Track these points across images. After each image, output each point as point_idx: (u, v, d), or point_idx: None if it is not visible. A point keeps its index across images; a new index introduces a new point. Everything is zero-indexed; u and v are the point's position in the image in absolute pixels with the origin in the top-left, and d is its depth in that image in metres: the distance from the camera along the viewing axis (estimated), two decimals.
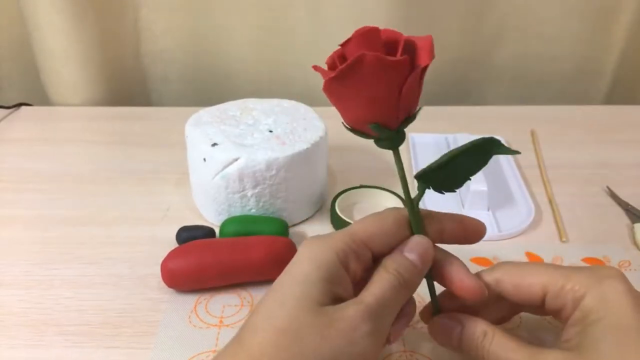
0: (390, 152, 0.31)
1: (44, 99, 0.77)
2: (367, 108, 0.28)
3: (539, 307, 0.31)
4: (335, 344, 0.26)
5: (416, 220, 0.31)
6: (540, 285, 0.30)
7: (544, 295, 0.30)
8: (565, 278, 0.29)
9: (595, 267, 0.30)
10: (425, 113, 0.75)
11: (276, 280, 0.29)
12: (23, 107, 0.75)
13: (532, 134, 0.66)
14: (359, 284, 0.30)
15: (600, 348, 0.26)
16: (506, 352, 0.29)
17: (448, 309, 0.33)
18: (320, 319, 0.26)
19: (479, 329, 0.30)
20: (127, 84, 0.80)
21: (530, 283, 0.31)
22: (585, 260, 0.45)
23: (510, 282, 0.31)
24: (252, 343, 0.26)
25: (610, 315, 0.27)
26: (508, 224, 0.49)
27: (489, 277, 0.32)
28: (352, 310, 0.27)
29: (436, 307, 0.34)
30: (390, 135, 0.29)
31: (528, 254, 0.45)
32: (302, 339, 0.26)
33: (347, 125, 0.30)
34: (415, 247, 0.30)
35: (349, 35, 0.27)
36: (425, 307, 0.35)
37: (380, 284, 0.29)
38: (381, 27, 0.28)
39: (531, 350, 0.28)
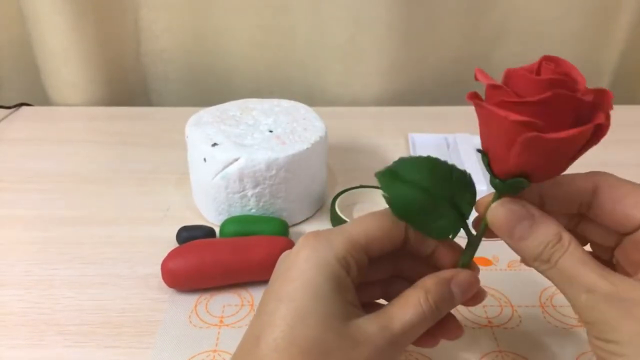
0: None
1: (44, 99, 0.77)
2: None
3: (620, 235, 0.27)
4: None
5: (471, 250, 0.29)
6: None
7: (634, 230, 0.26)
8: None
9: None
10: (426, 113, 0.75)
11: (277, 284, 0.27)
12: (23, 107, 0.75)
13: None
14: (358, 287, 0.29)
15: None
16: (578, 268, 0.24)
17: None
18: (344, 339, 0.25)
19: (553, 231, 0.25)
20: (127, 84, 0.80)
21: (633, 205, 0.26)
22: None
23: (609, 197, 0.27)
24: None
25: None
26: None
27: (586, 182, 0.27)
28: (378, 334, 0.26)
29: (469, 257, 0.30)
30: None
31: None
32: (328, 359, 0.25)
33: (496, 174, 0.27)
34: (464, 281, 0.28)
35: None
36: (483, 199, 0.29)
37: (414, 312, 0.27)
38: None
39: (610, 273, 0.24)
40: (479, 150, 0.27)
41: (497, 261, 0.45)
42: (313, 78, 0.79)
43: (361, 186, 0.53)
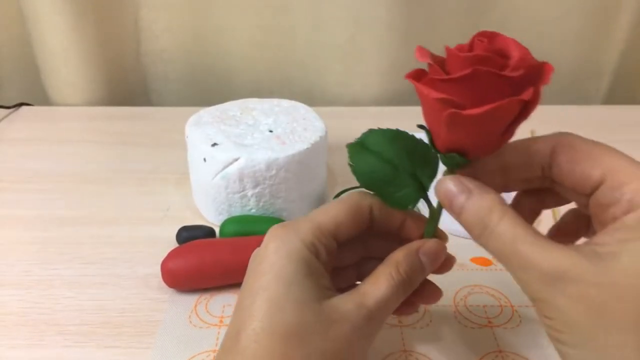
0: None
1: (44, 99, 0.77)
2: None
3: (583, 195, 0.26)
4: (338, 345, 0.26)
5: (434, 221, 0.30)
6: (601, 170, 0.25)
7: (599, 185, 0.25)
8: (633, 174, 0.24)
9: None
10: None
11: (252, 279, 0.28)
12: (23, 107, 0.75)
13: (532, 134, 0.66)
14: (330, 272, 0.29)
15: None
16: (513, 240, 0.24)
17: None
18: (321, 319, 0.26)
19: (486, 203, 0.25)
20: (127, 84, 0.80)
21: (591, 165, 0.25)
22: None
23: (568, 155, 0.26)
24: (256, 352, 0.25)
25: None
26: None
27: (545, 144, 0.27)
28: (354, 311, 0.27)
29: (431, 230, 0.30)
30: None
31: None
32: (307, 341, 0.26)
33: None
34: (431, 250, 0.29)
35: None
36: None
37: (386, 285, 0.28)
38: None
39: (545, 245, 0.23)
40: (420, 126, 0.28)
41: (497, 261, 0.45)
42: (313, 78, 0.79)
43: (361, 186, 0.53)
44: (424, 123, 0.28)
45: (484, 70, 0.23)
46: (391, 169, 0.29)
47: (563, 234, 0.31)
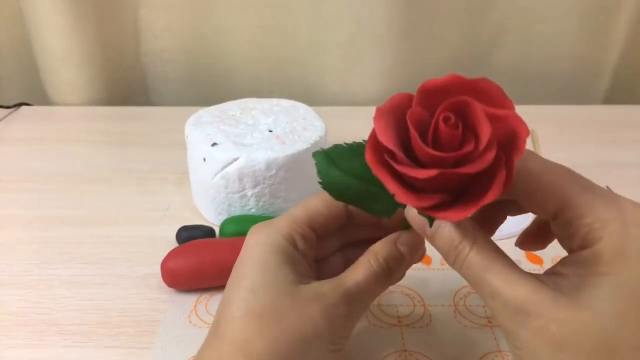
0: None
1: (44, 99, 0.77)
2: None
3: (546, 217, 0.26)
4: (316, 321, 0.27)
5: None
6: (556, 203, 0.25)
7: (556, 214, 0.25)
8: (589, 208, 0.24)
9: (628, 205, 0.24)
10: None
11: (234, 274, 0.29)
12: (23, 107, 0.75)
13: (532, 133, 0.66)
14: (312, 263, 0.30)
15: (601, 309, 0.22)
16: (483, 269, 0.24)
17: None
18: (297, 299, 0.27)
19: (458, 231, 0.25)
20: (127, 84, 0.80)
21: (546, 195, 0.25)
22: None
23: (525, 184, 0.25)
24: (233, 333, 0.26)
25: (625, 277, 0.22)
26: (507, 224, 0.49)
27: None
28: (331, 292, 0.27)
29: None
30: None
31: (528, 254, 0.45)
32: (283, 319, 0.26)
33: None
34: (408, 241, 0.30)
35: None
36: None
37: (365, 272, 0.28)
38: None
39: (512, 277, 0.24)
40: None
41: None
42: (313, 78, 0.79)
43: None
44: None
45: (449, 173, 0.22)
46: (363, 185, 0.28)
47: (533, 240, 0.31)
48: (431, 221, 0.26)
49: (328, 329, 0.27)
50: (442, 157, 0.22)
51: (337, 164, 0.29)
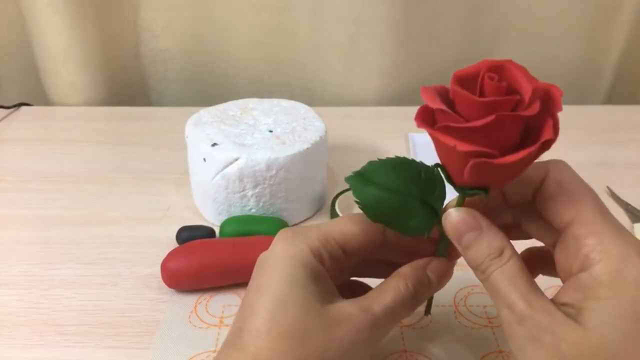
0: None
1: (44, 99, 0.77)
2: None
3: (550, 235, 0.28)
4: (341, 346, 0.26)
5: (445, 242, 0.30)
6: (571, 215, 0.26)
7: (567, 225, 0.26)
8: (597, 230, 0.25)
9: (634, 239, 0.25)
10: None
11: (258, 279, 0.28)
12: (23, 107, 0.75)
13: None
14: (336, 280, 0.30)
15: (607, 333, 0.23)
16: (505, 284, 0.25)
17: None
18: (324, 320, 0.26)
19: (496, 245, 0.26)
20: (127, 84, 0.80)
21: (566, 206, 0.26)
22: None
23: (550, 191, 0.27)
24: (256, 349, 0.26)
25: (626, 301, 0.23)
26: None
27: (538, 171, 0.27)
28: (358, 315, 0.27)
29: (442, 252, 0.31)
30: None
31: None
32: (309, 340, 0.26)
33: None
34: (438, 268, 0.30)
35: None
36: None
37: (393, 296, 0.28)
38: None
39: (534, 298, 0.24)
40: (437, 165, 0.28)
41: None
42: (313, 78, 0.79)
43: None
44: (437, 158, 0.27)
45: (506, 116, 0.23)
46: (399, 199, 0.28)
47: None
48: (484, 192, 0.26)
49: (351, 353, 0.27)
50: (496, 100, 0.23)
51: (371, 180, 0.29)
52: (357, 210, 0.55)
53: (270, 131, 0.49)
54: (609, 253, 0.24)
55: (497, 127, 0.23)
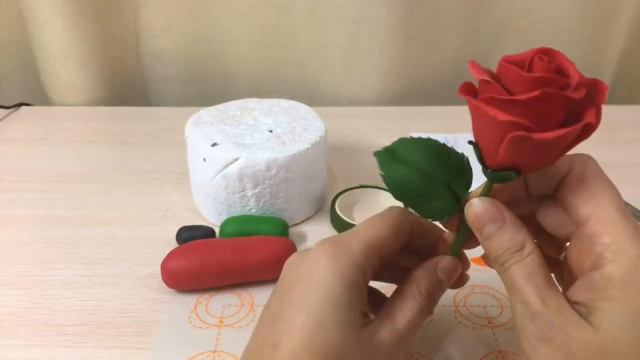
0: None
1: (44, 99, 0.77)
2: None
3: (563, 232, 0.27)
4: None
5: (461, 240, 0.30)
6: (589, 211, 0.25)
7: (584, 220, 0.25)
8: (614, 229, 0.24)
9: None
10: (425, 113, 0.75)
11: (301, 297, 0.26)
12: (23, 107, 0.75)
13: None
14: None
15: (618, 335, 0.23)
16: (521, 279, 0.25)
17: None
18: (360, 345, 0.26)
19: (518, 239, 0.26)
20: (127, 84, 0.80)
21: (585, 200, 0.26)
22: None
23: (571, 185, 0.26)
24: None
25: (635, 301, 0.23)
26: None
27: (564, 164, 0.27)
28: (388, 337, 0.27)
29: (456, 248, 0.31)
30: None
31: None
32: None
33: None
34: (447, 267, 0.30)
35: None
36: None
37: (412, 307, 0.28)
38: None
39: (549, 294, 0.24)
40: (470, 142, 0.27)
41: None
42: (313, 78, 0.79)
43: (361, 186, 0.53)
44: (469, 136, 0.27)
45: (553, 93, 0.22)
46: (425, 180, 0.28)
47: None
48: (517, 174, 0.25)
49: None
50: (544, 77, 0.23)
51: (400, 157, 0.28)
52: (356, 210, 0.55)
53: (270, 131, 0.49)
54: (623, 254, 0.23)
55: (542, 104, 0.22)
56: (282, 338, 0.25)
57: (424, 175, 0.28)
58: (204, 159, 0.47)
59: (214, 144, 0.47)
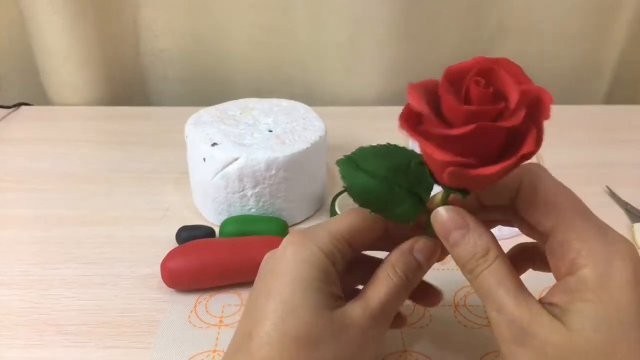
0: None
1: (44, 99, 0.77)
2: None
3: (537, 236, 0.28)
4: (350, 350, 0.27)
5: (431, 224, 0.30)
6: (552, 221, 0.26)
7: (550, 232, 0.26)
8: (580, 234, 0.25)
9: (618, 239, 0.25)
10: None
11: (268, 282, 0.28)
12: (23, 107, 0.75)
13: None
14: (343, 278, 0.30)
15: (591, 337, 0.23)
16: (494, 286, 0.25)
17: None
18: (333, 326, 0.26)
19: (482, 244, 0.26)
20: (127, 84, 0.80)
21: (546, 212, 0.26)
22: None
23: (530, 197, 0.27)
24: (267, 353, 0.26)
25: (610, 305, 0.23)
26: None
27: (513, 179, 0.27)
28: (360, 316, 0.27)
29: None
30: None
31: None
32: (320, 347, 0.26)
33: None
34: (425, 247, 0.30)
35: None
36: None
37: (386, 287, 0.28)
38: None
39: (521, 298, 0.25)
40: (421, 163, 0.28)
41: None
42: (313, 78, 0.79)
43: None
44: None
45: (487, 126, 0.23)
46: (387, 187, 0.28)
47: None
48: (464, 194, 0.26)
49: (360, 355, 0.27)
50: (478, 110, 0.23)
51: (361, 167, 0.29)
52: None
53: (270, 131, 0.49)
54: (594, 257, 0.24)
55: (477, 137, 0.23)
56: (256, 326, 0.26)
57: (385, 182, 0.28)
58: (204, 159, 0.47)
59: (214, 144, 0.47)
